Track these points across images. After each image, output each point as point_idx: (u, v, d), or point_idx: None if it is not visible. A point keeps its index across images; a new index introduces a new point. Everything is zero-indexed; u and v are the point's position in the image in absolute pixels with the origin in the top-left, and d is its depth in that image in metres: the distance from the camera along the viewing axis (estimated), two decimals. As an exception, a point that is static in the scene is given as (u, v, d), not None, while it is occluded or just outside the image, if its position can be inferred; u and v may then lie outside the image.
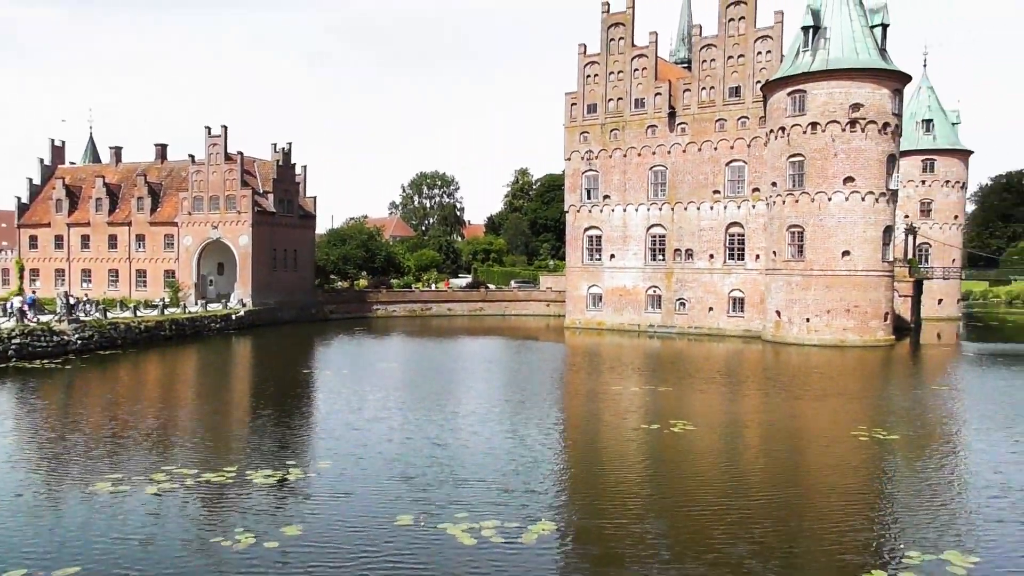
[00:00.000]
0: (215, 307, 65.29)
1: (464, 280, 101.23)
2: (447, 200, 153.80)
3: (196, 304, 65.36)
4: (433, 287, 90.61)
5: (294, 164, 75.06)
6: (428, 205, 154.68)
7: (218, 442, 25.57)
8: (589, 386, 38.86)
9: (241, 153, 69.55)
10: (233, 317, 63.61)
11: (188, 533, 16.81)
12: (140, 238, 73.40)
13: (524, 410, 31.21)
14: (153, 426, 27.47)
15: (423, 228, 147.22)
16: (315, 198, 79.25)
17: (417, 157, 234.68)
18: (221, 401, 34.14)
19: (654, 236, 66.16)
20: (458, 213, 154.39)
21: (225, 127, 68.72)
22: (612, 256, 68.14)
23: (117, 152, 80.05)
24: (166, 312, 58.57)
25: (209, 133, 69.16)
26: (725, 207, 62.42)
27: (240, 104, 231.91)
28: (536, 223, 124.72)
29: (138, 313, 55.97)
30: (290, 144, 73.16)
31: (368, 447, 24.63)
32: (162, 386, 39.12)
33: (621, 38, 66.54)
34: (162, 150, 78.03)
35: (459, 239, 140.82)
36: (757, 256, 60.94)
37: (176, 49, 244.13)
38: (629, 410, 31.89)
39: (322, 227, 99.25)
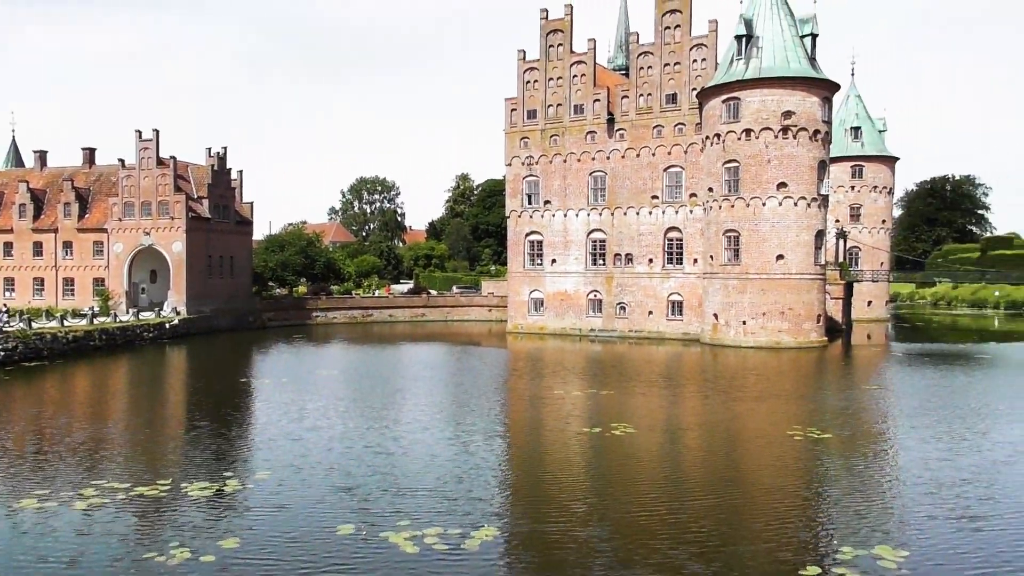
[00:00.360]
0: (148, 316, 63.42)
1: (406, 286, 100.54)
2: (388, 205, 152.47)
3: (128, 313, 63.39)
4: (376, 293, 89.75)
5: (230, 169, 73.53)
6: (369, 211, 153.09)
7: (151, 455, 24.79)
8: (531, 391, 38.94)
9: (174, 158, 67.83)
10: (167, 326, 61.90)
11: (119, 550, 16.24)
12: (67, 245, 70.86)
13: (466, 416, 31.11)
14: (82, 440, 26.50)
15: (364, 234, 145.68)
16: (252, 204, 77.73)
17: (358, 162, 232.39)
18: (154, 413, 33.12)
19: (594, 241, 66.75)
20: (399, 219, 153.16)
21: (157, 131, 66.98)
22: (553, 261, 68.51)
23: (42, 156, 77.22)
24: (96, 321, 56.66)
25: (140, 137, 67.26)
26: (664, 212, 63.34)
27: (174, 110, 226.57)
28: (478, 228, 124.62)
29: (65, 323, 54.01)
30: (225, 149, 71.68)
31: (308, 457, 24.21)
32: (91, 398, 37.79)
33: (560, 45, 67.06)
34: (90, 154, 75.55)
35: (400, 245, 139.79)
36: (695, 260, 61.98)
37: (108, 53, 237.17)
38: (571, 414, 32.04)
39: (260, 233, 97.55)
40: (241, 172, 76.49)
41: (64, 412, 32.38)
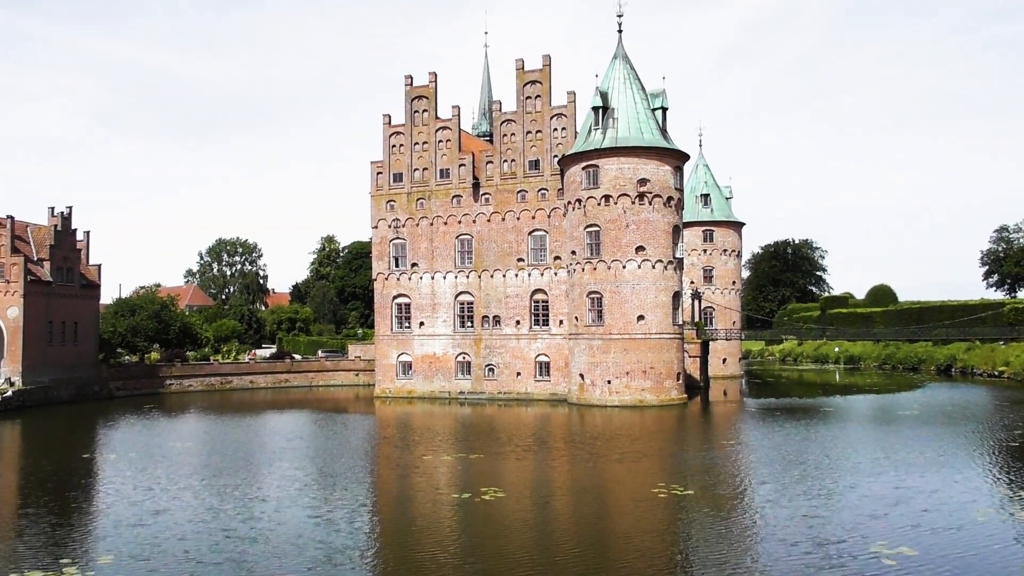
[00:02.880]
0: (-24, 389, 57.89)
1: (268, 350, 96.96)
2: (249, 268, 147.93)
3: (-48, 386, 57.67)
4: (244, 358, 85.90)
5: (75, 229, 69.26)
6: (229, 273, 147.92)
7: (-26, 547, 22.35)
8: (400, 458, 38.12)
9: (11, 217, 63.26)
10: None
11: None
12: None
13: (332, 490, 29.89)
14: None
15: (223, 297, 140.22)
16: (100, 266, 73.26)
17: (218, 224, 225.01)
18: (-20, 497, 29.97)
19: (462, 303, 67.03)
20: (261, 281, 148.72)
21: (-7, 189, 62.37)
22: (421, 323, 68.16)
23: None
24: (-87, 397, 51.18)
25: (-27, 195, 62.43)
26: (529, 274, 64.60)
27: (15, 166, 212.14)
28: (344, 291, 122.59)
29: None
30: (70, 208, 67.59)
31: (157, 540, 22.53)
32: (-95, 484, 33.79)
33: (425, 110, 68.06)
34: (-86, 213, 69.15)
35: (263, 308, 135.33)
36: (561, 321, 63.30)
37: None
38: (441, 480, 31.55)
39: (109, 297, 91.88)
40: (88, 232, 72.25)
41: None
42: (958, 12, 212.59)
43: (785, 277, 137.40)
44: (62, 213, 67.03)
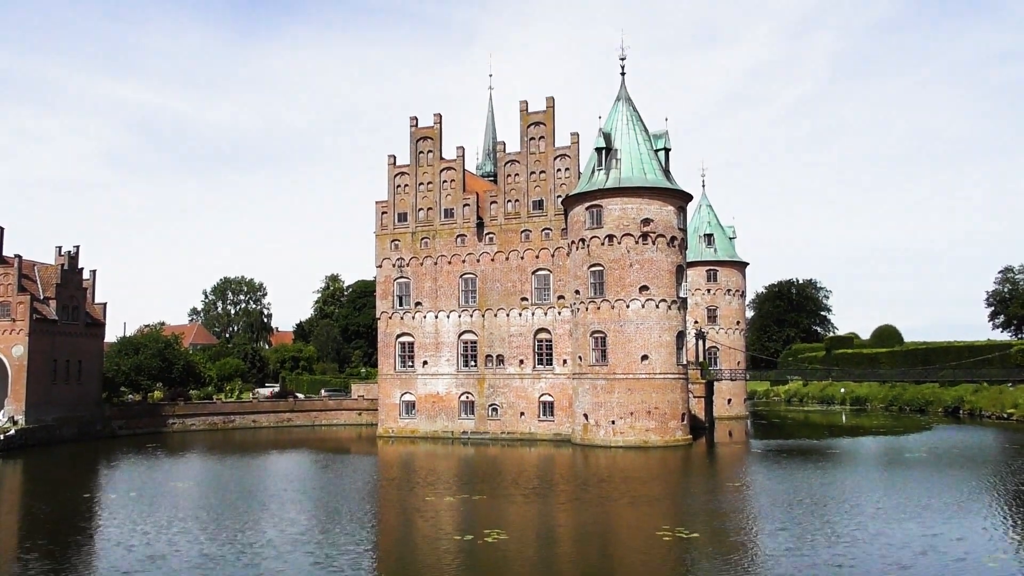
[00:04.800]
0: (-22, 427, 57.74)
1: (271, 389, 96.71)
2: (253, 306, 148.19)
3: (-46, 425, 57.52)
4: (252, 397, 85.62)
5: (82, 268, 69.65)
6: (233, 312, 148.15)
7: (-29, 588, 22.10)
8: (402, 499, 37.74)
9: (19, 256, 63.70)
10: (2, 437, 56.55)
11: None
12: None
13: (334, 533, 29.42)
14: None
15: (227, 336, 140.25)
16: (105, 304, 73.48)
17: (223, 263, 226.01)
18: (-22, 538, 29.69)
19: (466, 342, 66.95)
20: (265, 319, 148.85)
21: (1, 228, 62.90)
22: (425, 363, 68.02)
23: None
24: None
25: (-19, 234, 62.91)
26: (533, 313, 64.59)
27: (25, 205, 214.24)
28: (348, 330, 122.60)
29: None
30: (77, 248, 68.09)
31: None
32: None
33: (430, 151, 68.75)
34: (-79, 251, 69.69)
35: (266, 347, 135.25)
36: (564, 361, 63.09)
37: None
38: (443, 522, 31.22)
39: (113, 335, 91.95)
40: (94, 272, 72.64)
41: None
42: (960, 57, 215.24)
43: (789, 317, 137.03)
44: (69, 252, 67.48)
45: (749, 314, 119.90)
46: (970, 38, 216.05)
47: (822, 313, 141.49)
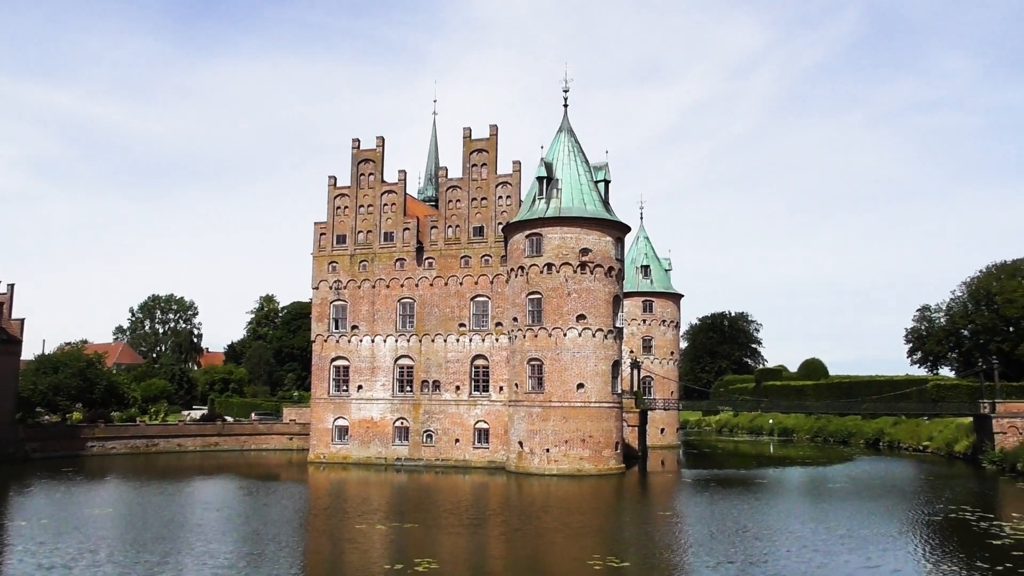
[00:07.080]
0: None
1: (199, 412, 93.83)
2: (183, 326, 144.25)
3: None
4: (181, 420, 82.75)
5: None
6: (161, 331, 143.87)
7: None
8: (332, 528, 36.91)
9: (-68, 268, 60.80)
10: (-98, 460, 53.42)
11: None
12: None
13: (260, 564, 28.43)
14: None
15: (154, 356, 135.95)
16: (23, 320, 70.49)
17: (151, 279, 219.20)
18: None
19: (402, 367, 66.26)
20: (195, 340, 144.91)
21: (-86, 238, 59.93)
22: (360, 387, 67.02)
23: None
24: None
25: None
26: (471, 340, 64.36)
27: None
28: (281, 352, 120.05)
29: None
30: (-3, 260, 65.33)
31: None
32: None
33: (371, 173, 68.33)
34: None
35: (195, 368, 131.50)
36: (501, 388, 62.92)
37: None
38: (374, 551, 30.63)
39: (31, 353, 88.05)
40: (12, 286, 69.68)
41: None
42: (887, 104, 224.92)
43: (722, 349, 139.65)
44: (-13, 265, 64.71)
45: (683, 345, 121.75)
46: (895, 87, 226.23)
47: (753, 345, 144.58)
